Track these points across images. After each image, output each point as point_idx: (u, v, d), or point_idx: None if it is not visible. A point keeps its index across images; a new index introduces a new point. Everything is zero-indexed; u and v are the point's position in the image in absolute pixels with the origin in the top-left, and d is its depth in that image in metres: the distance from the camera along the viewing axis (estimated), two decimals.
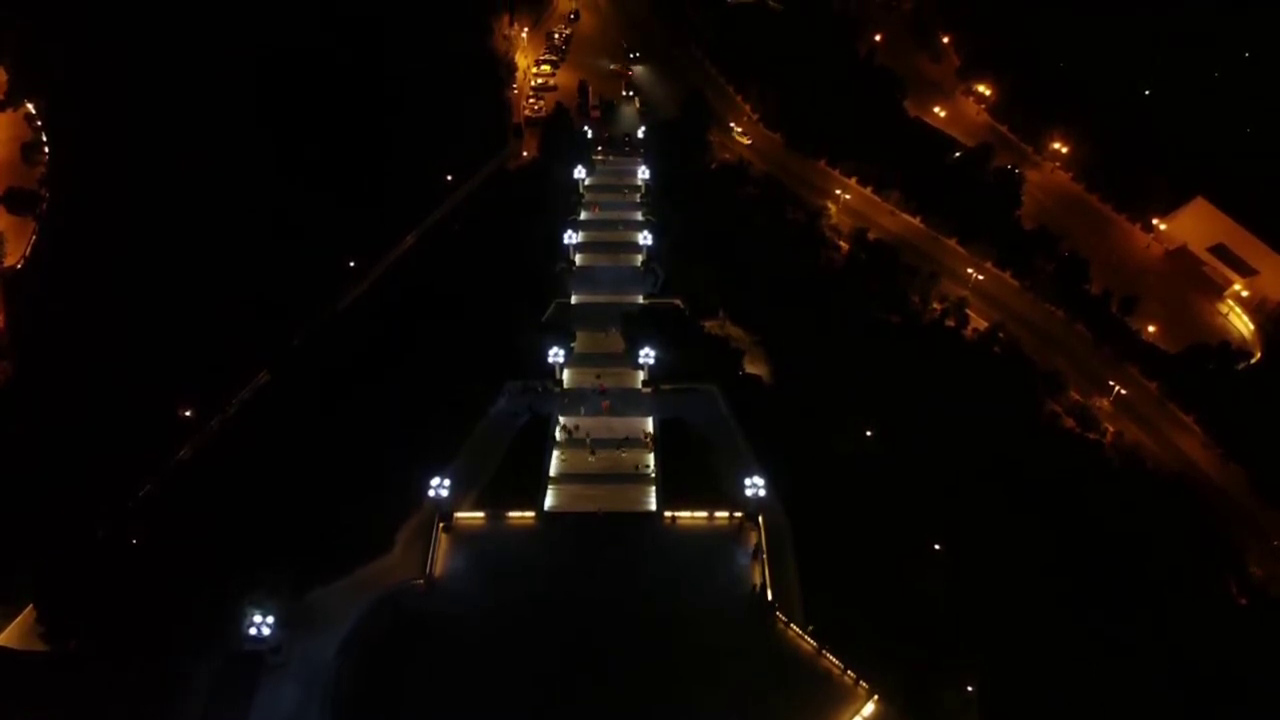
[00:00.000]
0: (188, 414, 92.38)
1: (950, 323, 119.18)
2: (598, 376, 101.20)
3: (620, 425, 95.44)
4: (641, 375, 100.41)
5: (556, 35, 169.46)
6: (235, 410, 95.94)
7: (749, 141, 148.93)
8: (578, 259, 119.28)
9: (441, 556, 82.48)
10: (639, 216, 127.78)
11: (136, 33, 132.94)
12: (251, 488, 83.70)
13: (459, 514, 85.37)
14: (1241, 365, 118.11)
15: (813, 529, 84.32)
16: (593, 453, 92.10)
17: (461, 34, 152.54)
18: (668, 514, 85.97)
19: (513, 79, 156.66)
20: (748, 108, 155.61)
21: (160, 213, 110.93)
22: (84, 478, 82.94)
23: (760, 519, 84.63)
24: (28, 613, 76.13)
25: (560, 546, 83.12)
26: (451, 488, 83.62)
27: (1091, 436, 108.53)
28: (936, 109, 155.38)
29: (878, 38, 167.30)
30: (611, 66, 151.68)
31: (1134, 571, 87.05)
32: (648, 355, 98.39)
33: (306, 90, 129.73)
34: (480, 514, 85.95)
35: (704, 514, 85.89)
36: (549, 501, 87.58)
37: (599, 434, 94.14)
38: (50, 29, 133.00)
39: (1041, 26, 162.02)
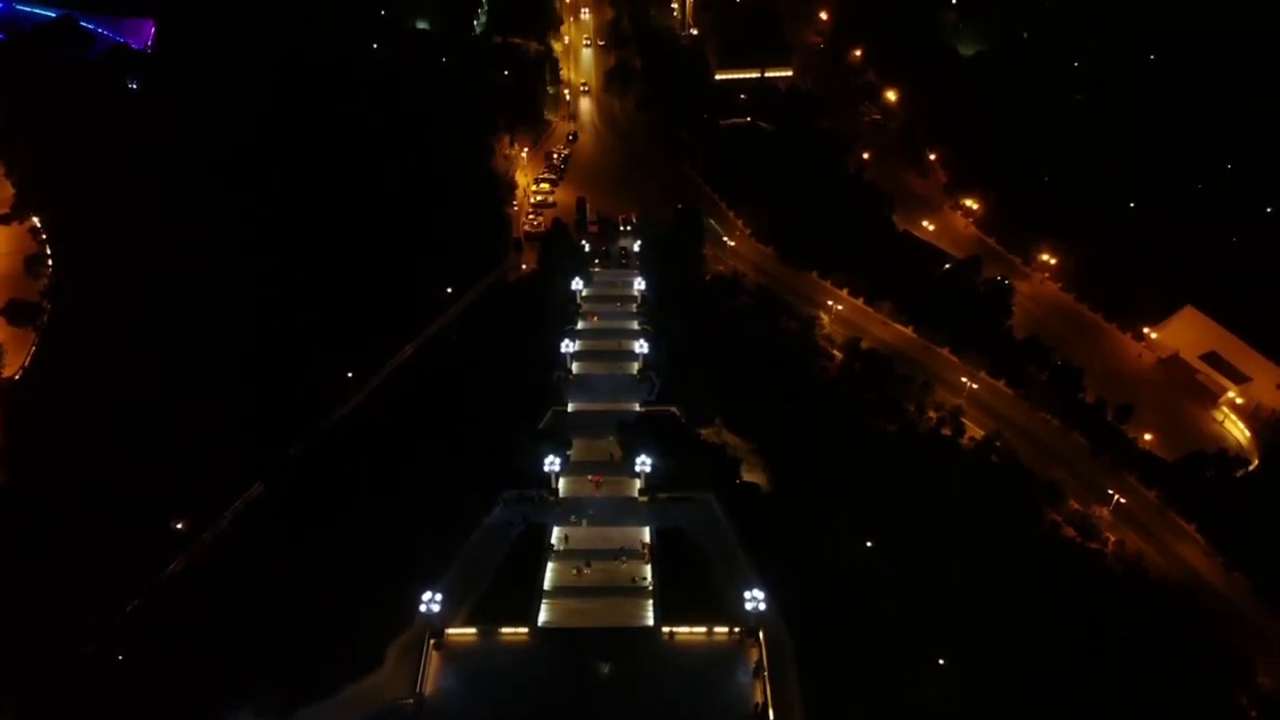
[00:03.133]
0: (179, 526, 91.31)
1: (947, 432, 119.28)
2: (590, 478, 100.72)
3: (617, 535, 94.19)
4: (638, 484, 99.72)
5: (555, 155, 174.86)
6: (228, 522, 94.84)
7: (735, 246, 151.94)
8: (575, 367, 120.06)
9: (432, 674, 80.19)
10: (635, 326, 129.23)
11: (139, 150, 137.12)
12: (241, 602, 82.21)
13: (450, 630, 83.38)
14: (1240, 473, 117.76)
15: (815, 644, 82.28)
16: (588, 564, 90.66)
17: (464, 154, 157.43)
18: (666, 629, 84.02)
19: (513, 196, 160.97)
20: (740, 222, 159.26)
21: (159, 325, 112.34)
22: (73, 591, 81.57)
23: (761, 634, 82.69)
24: None
25: (555, 664, 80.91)
26: (443, 602, 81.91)
27: (1093, 546, 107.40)
28: (925, 223, 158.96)
29: (866, 155, 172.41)
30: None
31: (1141, 684, 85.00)
32: (644, 463, 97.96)
33: (308, 204, 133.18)
34: (472, 630, 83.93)
35: (703, 629, 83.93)
36: (543, 616, 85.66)
37: (595, 545, 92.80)
38: (58, 145, 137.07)
39: (1026, 143, 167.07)
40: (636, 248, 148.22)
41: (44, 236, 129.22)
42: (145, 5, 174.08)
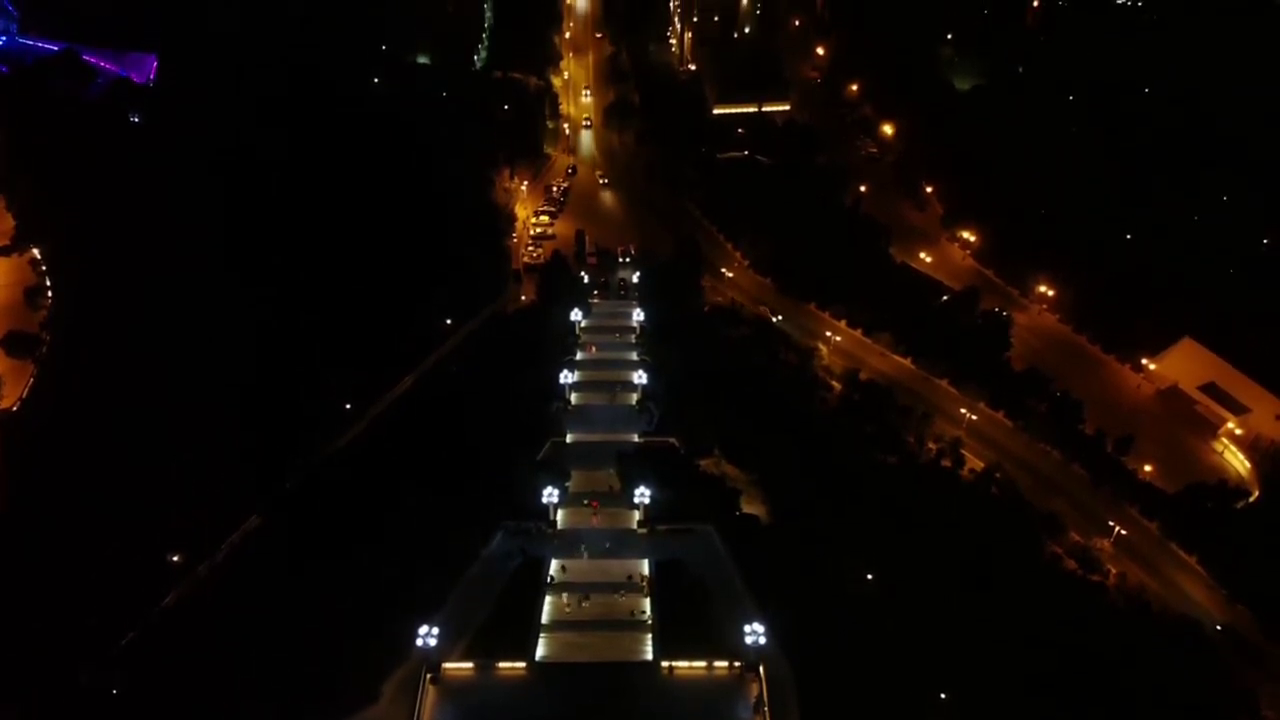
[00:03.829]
0: (176, 559, 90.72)
1: (946, 463, 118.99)
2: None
3: (616, 568, 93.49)
4: (637, 515, 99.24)
5: (555, 189, 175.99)
6: (224, 555, 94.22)
7: (734, 277, 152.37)
8: (573, 398, 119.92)
9: (429, 710, 79.13)
10: (634, 356, 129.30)
11: (139, 183, 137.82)
12: (237, 636, 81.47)
13: (447, 664, 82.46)
14: (1240, 504, 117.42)
15: (816, 678, 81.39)
16: (587, 598, 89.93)
17: (464, 187, 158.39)
18: (665, 664, 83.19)
19: (512, 228, 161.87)
20: (739, 254, 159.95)
21: (157, 356, 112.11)
22: (69, 622, 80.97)
23: (761, 669, 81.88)
24: None
25: (553, 699, 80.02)
26: (440, 636, 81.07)
27: (1095, 579, 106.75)
28: (923, 255, 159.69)
29: (863, 188, 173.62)
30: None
31: (1145, 718, 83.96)
32: (643, 495, 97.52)
33: (307, 235, 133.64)
34: (469, 664, 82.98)
35: (703, 663, 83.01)
36: (540, 651, 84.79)
37: (594, 578, 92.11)
38: (59, 177, 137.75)
39: (1022, 175, 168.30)
40: (635, 279, 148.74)
41: (44, 268, 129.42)
42: (148, 39, 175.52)
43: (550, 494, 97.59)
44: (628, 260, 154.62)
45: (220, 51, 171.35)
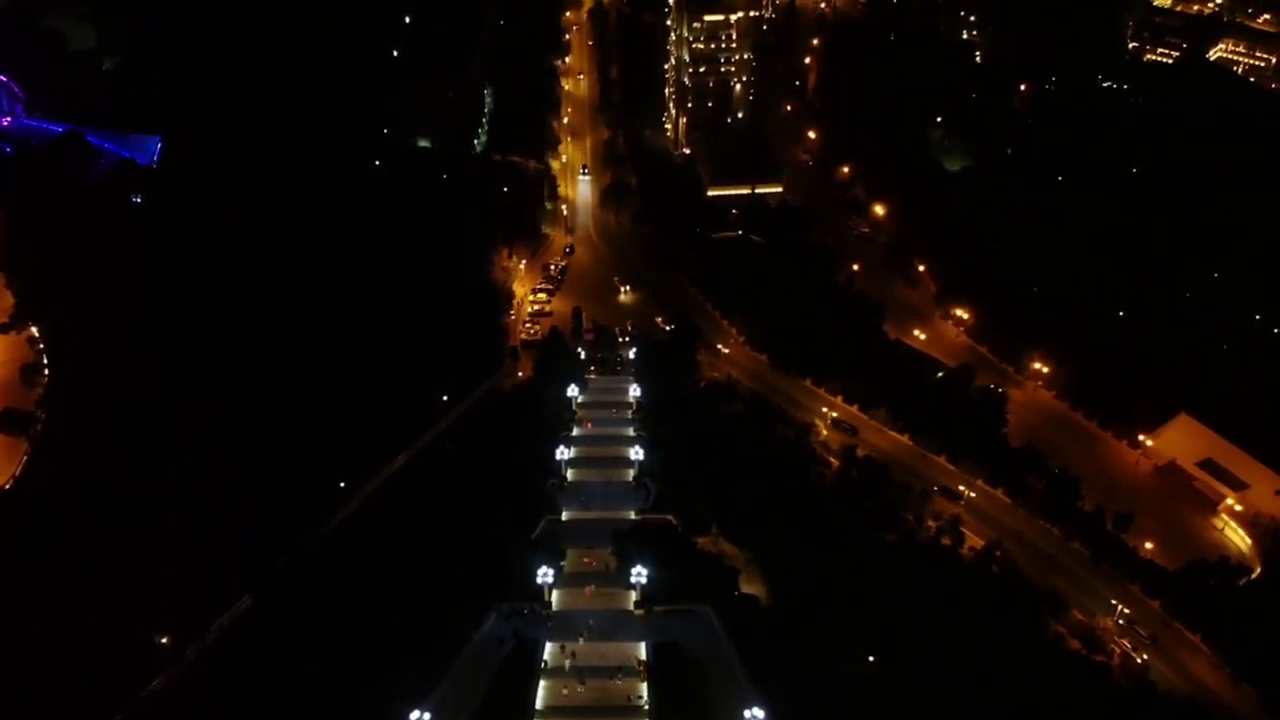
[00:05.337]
0: (164, 640, 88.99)
1: (946, 541, 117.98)
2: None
3: (612, 652, 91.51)
4: (634, 596, 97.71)
5: (553, 267, 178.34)
6: (214, 637, 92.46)
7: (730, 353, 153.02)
8: (569, 474, 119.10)
9: None
10: (630, 432, 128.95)
11: (140, 262, 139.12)
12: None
13: None
14: (1243, 581, 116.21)
15: None
16: (583, 683, 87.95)
17: (463, 267, 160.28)
18: None
19: (510, 306, 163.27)
20: (734, 330, 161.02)
21: (151, 436, 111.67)
22: (56, 704, 79.24)
23: None
24: None
25: None
26: None
27: (1098, 658, 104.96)
28: (917, 332, 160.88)
29: (856, 267, 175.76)
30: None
31: None
32: (640, 574, 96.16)
33: (306, 313, 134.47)
34: None
35: None
36: None
37: (590, 661, 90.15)
38: (59, 256, 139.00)
39: (1014, 253, 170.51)
40: (632, 355, 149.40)
41: (41, 346, 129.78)
42: (152, 121, 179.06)
43: (545, 574, 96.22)
44: (626, 339, 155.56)
45: (223, 134, 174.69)
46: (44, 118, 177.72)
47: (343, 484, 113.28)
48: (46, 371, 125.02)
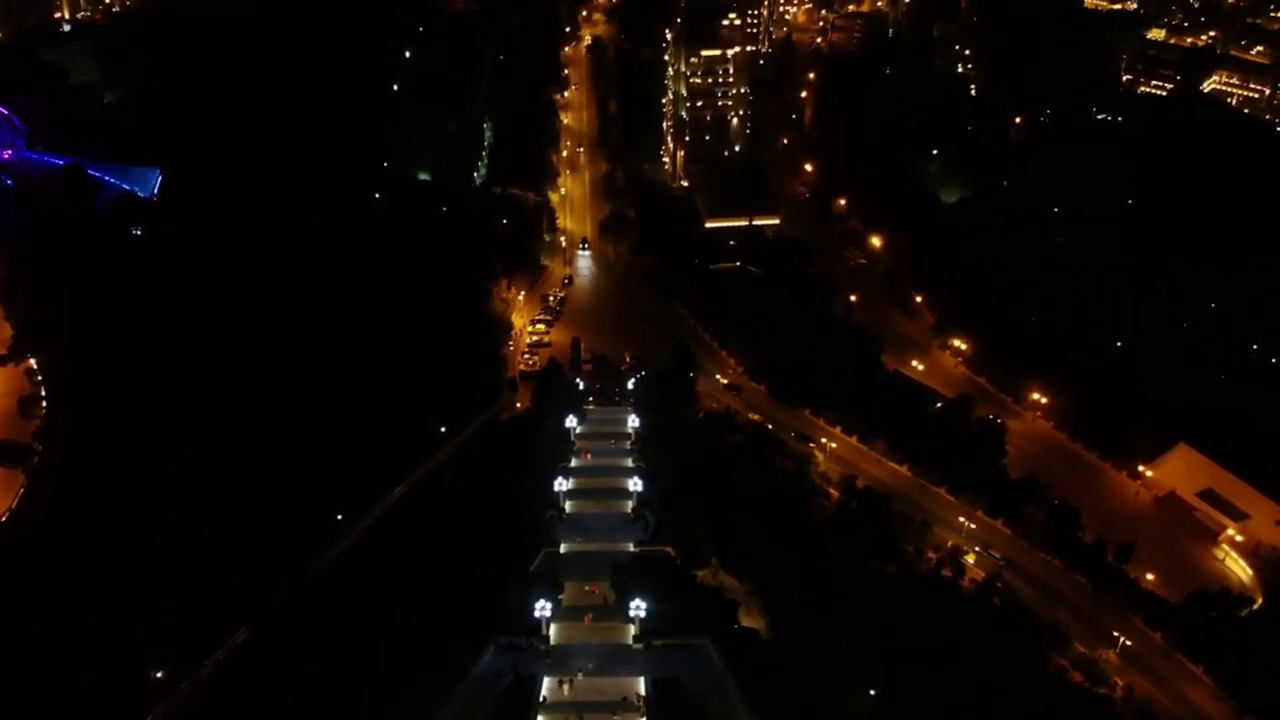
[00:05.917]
0: (159, 675, 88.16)
1: (947, 573, 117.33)
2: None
3: (610, 687, 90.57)
4: (632, 630, 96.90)
5: (551, 298, 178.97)
6: (209, 671, 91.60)
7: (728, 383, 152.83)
8: (568, 506, 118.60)
9: None
10: (629, 463, 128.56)
11: (139, 295, 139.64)
12: None
13: None
14: (1244, 612, 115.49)
15: None
16: (581, 718, 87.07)
17: (462, 298, 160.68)
18: None
19: (509, 337, 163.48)
20: (732, 361, 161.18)
21: (148, 467, 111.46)
22: None
23: None
24: None
25: None
26: None
27: (1101, 691, 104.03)
28: (915, 362, 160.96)
29: (853, 298, 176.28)
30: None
31: None
32: (639, 608, 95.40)
33: (305, 346, 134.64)
34: None
35: None
36: None
37: (588, 697, 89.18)
38: (59, 288, 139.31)
39: (1011, 284, 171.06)
40: (631, 385, 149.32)
41: (39, 378, 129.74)
42: (152, 154, 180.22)
43: (543, 608, 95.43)
44: (625, 371, 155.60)
45: (223, 167, 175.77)
46: (45, 150, 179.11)
47: (340, 516, 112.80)
48: (44, 404, 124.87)
